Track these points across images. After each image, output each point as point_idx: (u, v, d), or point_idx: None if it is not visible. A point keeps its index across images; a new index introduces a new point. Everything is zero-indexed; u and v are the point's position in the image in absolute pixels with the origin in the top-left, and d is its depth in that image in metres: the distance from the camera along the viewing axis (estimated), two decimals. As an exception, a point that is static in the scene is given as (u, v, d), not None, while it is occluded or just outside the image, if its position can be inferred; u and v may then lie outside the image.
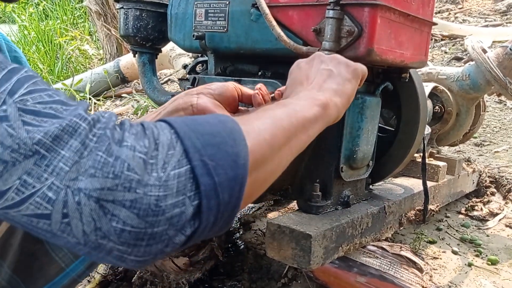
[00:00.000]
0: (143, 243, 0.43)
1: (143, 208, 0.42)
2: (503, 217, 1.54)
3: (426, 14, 1.00)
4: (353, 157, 0.99)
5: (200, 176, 0.44)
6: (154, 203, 0.42)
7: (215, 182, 0.45)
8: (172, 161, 0.44)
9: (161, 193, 0.43)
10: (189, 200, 0.44)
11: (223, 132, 0.48)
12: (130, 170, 0.42)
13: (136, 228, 0.42)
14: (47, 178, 0.41)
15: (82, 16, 5.08)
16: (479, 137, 2.16)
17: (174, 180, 0.44)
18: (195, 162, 0.45)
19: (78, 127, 0.43)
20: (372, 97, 1.00)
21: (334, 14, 0.84)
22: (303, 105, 0.62)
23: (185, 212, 0.44)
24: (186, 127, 0.47)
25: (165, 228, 0.43)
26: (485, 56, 1.41)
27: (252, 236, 1.34)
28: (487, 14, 3.45)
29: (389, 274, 1.02)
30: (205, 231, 0.47)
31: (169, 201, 0.43)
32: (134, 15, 1.17)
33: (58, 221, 0.42)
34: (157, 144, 0.45)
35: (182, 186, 0.44)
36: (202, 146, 0.46)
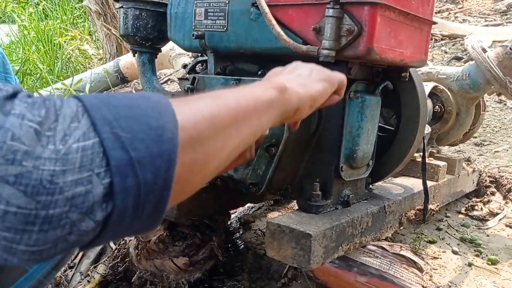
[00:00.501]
0: (35, 228, 0.36)
1: (32, 184, 0.36)
2: (503, 217, 1.53)
3: (426, 13, 1.00)
4: (353, 157, 0.98)
5: (111, 149, 0.38)
6: (47, 179, 0.36)
7: (130, 157, 0.39)
8: (76, 133, 0.38)
9: (58, 167, 0.36)
10: (98, 177, 0.38)
11: (144, 105, 0.42)
12: (15, 139, 0.36)
13: (24, 209, 0.36)
14: None
15: (82, 16, 5.08)
16: (479, 137, 2.16)
17: (77, 153, 0.37)
18: (105, 135, 0.38)
19: None
20: (372, 96, 1.00)
21: (334, 13, 0.83)
22: (258, 87, 0.57)
23: (91, 192, 0.37)
24: (95, 99, 0.41)
25: (65, 210, 0.37)
26: (485, 56, 1.41)
27: (252, 236, 1.34)
28: (487, 13, 3.45)
29: (389, 273, 1.02)
30: (125, 218, 0.40)
31: (68, 177, 0.37)
32: (133, 15, 1.17)
33: None
34: (57, 115, 0.38)
35: (88, 161, 0.38)
36: (114, 118, 0.40)
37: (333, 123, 0.97)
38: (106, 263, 1.25)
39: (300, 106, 0.61)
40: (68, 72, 3.79)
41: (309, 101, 0.63)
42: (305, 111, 0.63)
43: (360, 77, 1.00)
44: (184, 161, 0.43)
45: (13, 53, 4.37)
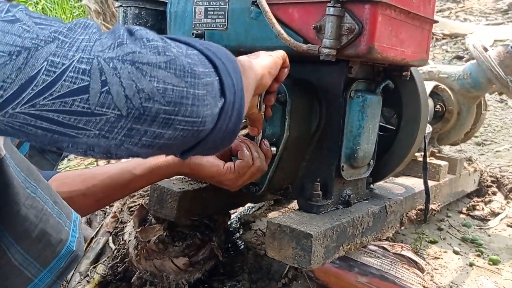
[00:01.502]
0: (189, 101, 0.44)
1: (179, 68, 0.44)
2: (504, 217, 1.53)
3: (427, 12, 0.99)
4: (354, 156, 0.98)
5: (211, 56, 0.49)
6: (188, 66, 0.45)
7: (224, 63, 0.50)
8: (182, 46, 0.47)
9: (190, 60, 0.46)
10: (213, 74, 0.48)
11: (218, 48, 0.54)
12: (151, 40, 0.45)
13: (178, 87, 0.44)
14: (74, 55, 0.41)
15: (81, 15, 5.08)
16: (481, 136, 2.16)
17: (194, 56, 0.47)
18: (200, 48, 0.49)
19: (89, 24, 0.44)
20: (372, 95, 0.99)
21: (334, 12, 0.83)
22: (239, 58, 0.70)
23: (214, 83, 0.47)
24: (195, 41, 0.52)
25: (204, 92, 0.46)
26: (486, 55, 1.40)
27: (252, 236, 1.33)
28: (488, 13, 3.45)
29: (390, 274, 1.02)
30: (227, 113, 0.50)
31: (200, 68, 0.46)
32: (133, 14, 1.16)
33: (98, 91, 0.41)
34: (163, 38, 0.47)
35: (201, 60, 0.48)
36: (200, 42, 0.51)
37: (334, 123, 0.96)
38: (105, 263, 1.24)
39: (262, 72, 0.73)
40: (68, 72, 3.78)
41: (267, 68, 0.75)
42: (268, 77, 0.75)
43: (361, 76, 0.99)
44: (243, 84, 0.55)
45: (13, 52, 4.37)
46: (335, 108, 0.96)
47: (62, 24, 0.44)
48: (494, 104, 2.43)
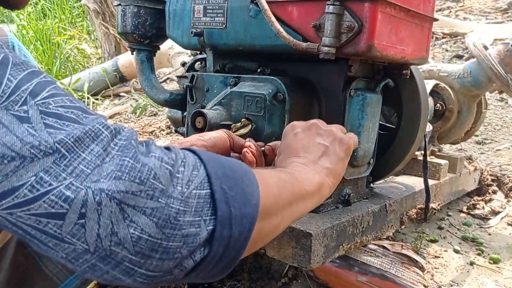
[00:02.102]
0: (157, 255, 0.42)
1: (163, 218, 0.42)
2: (505, 216, 1.52)
3: (427, 10, 0.98)
4: (354, 155, 0.97)
5: (219, 202, 0.45)
6: (173, 215, 0.42)
7: (231, 212, 0.45)
8: (196, 180, 0.44)
9: (182, 207, 0.43)
10: (205, 223, 0.44)
11: (240, 170, 0.50)
12: (156, 179, 0.42)
13: (153, 238, 0.41)
14: (66, 178, 0.40)
15: (80, 15, 5.07)
16: (481, 135, 2.15)
17: (194, 199, 0.44)
18: (216, 187, 0.45)
19: (100, 134, 0.42)
20: (372, 94, 0.99)
21: (334, 10, 0.82)
22: (304, 178, 0.63)
23: (199, 235, 0.43)
24: (208, 156, 0.48)
25: (180, 245, 0.43)
26: (486, 53, 1.39)
27: (252, 235, 1.33)
28: (488, 12, 3.44)
29: (390, 273, 1.01)
30: (211, 264, 0.45)
31: (187, 217, 0.43)
32: (132, 12, 1.15)
33: (73, 221, 0.40)
34: (183, 162, 0.45)
35: (200, 207, 0.44)
36: (222, 175, 0.47)
37: (334, 121, 0.96)
38: (105, 263, 1.24)
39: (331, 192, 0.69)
40: (67, 72, 3.78)
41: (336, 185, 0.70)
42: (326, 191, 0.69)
43: (361, 75, 0.99)
44: (257, 228, 0.49)
45: (12, 52, 4.36)
46: (335, 107, 0.96)
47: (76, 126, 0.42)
48: (494, 103, 2.42)
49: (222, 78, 1.02)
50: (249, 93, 0.92)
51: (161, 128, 2.40)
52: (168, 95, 1.18)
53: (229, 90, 0.96)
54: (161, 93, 1.20)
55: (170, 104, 1.20)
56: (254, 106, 0.91)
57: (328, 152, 0.71)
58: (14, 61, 0.43)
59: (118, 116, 2.79)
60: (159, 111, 2.64)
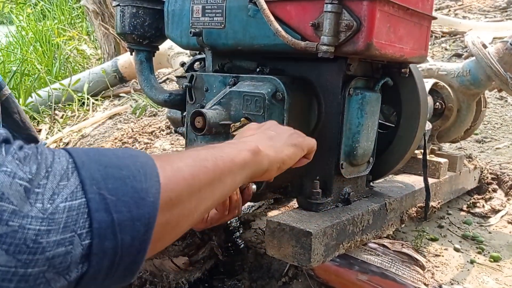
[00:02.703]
0: (11, 285, 0.36)
1: (15, 243, 0.36)
2: (505, 214, 1.52)
3: (425, 8, 0.98)
4: (353, 154, 0.97)
5: (95, 211, 0.39)
6: (32, 238, 0.37)
7: (113, 220, 0.40)
8: (64, 192, 0.39)
9: (43, 227, 0.37)
10: (79, 238, 0.39)
11: (132, 166, 0.44)
12: (3, 199, 0.36)
13: (3, 267, 0.36)
14: None
15: (79, 16, 5.07)
16: (480, 134, 2.15)
17: (63, 214, 0.38)
18: (91, 195, 0.40)
19: None
20: (371, 92, 0.99)
21: (332, 8, 0.82)
22: (233, 148, 0.60)
23: (71, 253, 0.38)
24: (86, 156, 0.42)
25: (43, 269, 0.37)
26: (485, 52, 1.39)
27: (252, 235, 1.33)
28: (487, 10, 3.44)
29: (390, 271, 1.01)
30: (97, 278, 0.41)
31: (52, 237, 0.37)
32: (130, 13, 1.15)
33: None
34: (48, 172, 0.39)
35: (72, 221, 0.38)
36: (102, 179, 0.41)
37: (333, 120, 0.96)
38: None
39: (269, 167, 0.66)
40: (66, 72, 3.78)
41: (278, 164, 0.68)
42: (274, 173, 0.68)
43: (360, 74, 0.99)
44: (161, 222, 0.44)
45: (11, 53, 4.37)
46: (334, 106, 0.96)
47: None
48: (493, 101, 2.42)
49: (221, 77, 1.02)
50: (248, 93, 0.92)
51: (161, 128, 2.40)
52: (168, 95, 1.18)
53: (228, 90, 0.96)
54: (161, 94, 1.20)
55: (169, 104, 1.20)
56: (254, 106, 0.91)
57: (274, 137, 0.71)
58: None
59: (118, 117, 2.79)
60: (159, 112, 2.64)
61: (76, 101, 3.06)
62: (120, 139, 2.35)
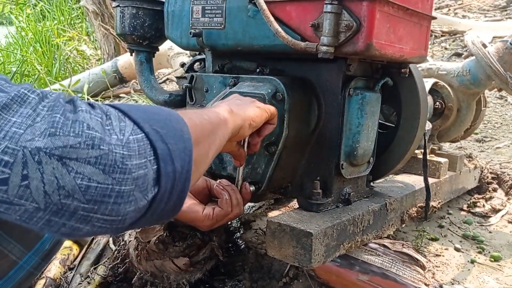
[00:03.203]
0: (111, 200, 0.43)
1: (109, 164, 0.42)
2: (505, 213, 1.52)
3: (425, 8, 0.98)
4: (354, 154, 0.97)
5: (155, 141, 0.46)
6: (120, 160, 0.43)
7: (169, 149, 0.47)
8: (127, 129, 0.46)
9: (125, 152, 0.44)
10: (150, 163, 0.45)
11: (163, 112, 0.52)
12: (91, 129, 0.43)
13: (103, 184, 0.42)
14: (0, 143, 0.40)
15: (79, 16, 5.07)
16: (480, 133, 2.15)
17: (134, 143, 0.45)
18: (147, 130, 0.47)
19: (27, 98, 0.42)
20: (371, 92, 0.99)
21: (332, 9, 0.82)
22: (213, 110, 0.70)
23: (147, 175, 0.45)
24: (127, 106, 0.49)
25: (132, 188, 0.44)
26: (485, 51, 1.39)
27: (253, 236, 1.33)
28: (486, 9, 3.44)
29: (391, 271, 1.01)
30: (163, 200, 0.48)
31: (133, 161, 0.44)
32: (130, 13, 1.15)
33: (17, 184, 0.40)
34: (108, 115, 0.46)
35: (142, 149, 0.45)
36: (148, 119, 0.48)
37: (333, 120, 0.96)
38: (106, 264, 1.24)
39: (243, 124, 0.73)
40: (66, 73, 3.78)
41: (249, 120, 0.75)
42: (247, 129, 0.75)
43: (360, 74, 0.99)
44: (194, 155, 0.52)
45: (11, 54, 4.36)
46: (334, 106, 0.96)
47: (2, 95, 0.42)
48: (493, 100, 2.42)
49: (221, 78, 1.02)
50: (249, 93, 0.92)
51: (161, 129, 2.39)
52: (168, 96, 1.18)
53: (229, 90, 0.96)
54: (161, 94, 1.20)
55: (169, 105, 1.20)
56: (254, 106, 0.91)
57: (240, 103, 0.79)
58: None
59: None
60: (159, 112, 2.64)
61: (76, 102, 3.06)
62: (120, 140, 2.35)
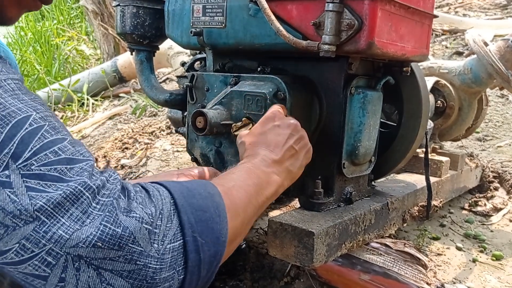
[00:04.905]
0: None
1: (139, 279, 0.44)
2: (507, 212, 1.52)
3: (426, 7, 0.98)
4: (355, 153, 0.97)
5: (190, 252, 0.48)
6: (150, 275, 0.45)
7: (200, 259, 0.49)
8: (169, 234, 0.47)
9: (158, 265, 0.46)
10: (177, 274, 0.47)
11: (211, 207, 0.53)
12: (135, 242, 0.44)
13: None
14: (45, 244, 0.42)
15: (79, 16, 5.07)
16: (482, 132, 2.14)
17: (169, 254, 0.47)
18: (188, 238, 0.48)
19: (81, 196, 0.44)
20: (373, 91, 0.99)
21: (333, 7, 0.82)
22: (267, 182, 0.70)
23: (172, 286, 0.47)
24: (183, 199, 0.51)
25: None
26: (486, 49, 1.39)
27: (254, 235, 1.32)
28: (487, 8, 3.44)
29: (393, 271, 1.01)
30: None
31: (163, 274, 0.46)
32: (131, 12, 1.15)
33: (54, 284, 0.43)
34: (161, 214, 0.48)
35: (174, 260, 0.47)
36: (195, 222, 0.50)
37: (335, 119, 0.96)
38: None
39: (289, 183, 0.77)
40: (66, 73, 3.78)
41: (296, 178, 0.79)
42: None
43: (361, 72, 0.98)
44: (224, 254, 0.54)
45: (11, 54, 4.35)
46: (336, 105, 0.95)
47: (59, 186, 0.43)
48: (495, 99, 2.42)
49: (222, 77, 1.01)
50: (250, 92, 0.92)
51: (161, 128, 2.39)
52: (168, 95, 1.18)
53: (230, 90, 0.95)
54: (161, 93, 1.19)
55: (170, 104, 1.19)
56: (255, 105, 0.91)
57: (295, 156, 0.78)
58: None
59: (117, 117, 2.79)
60: (159, 112, 2.64)
61: (75, 102, 3.06)
62: (120, 140, 2.35)
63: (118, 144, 2.31)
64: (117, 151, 2.26)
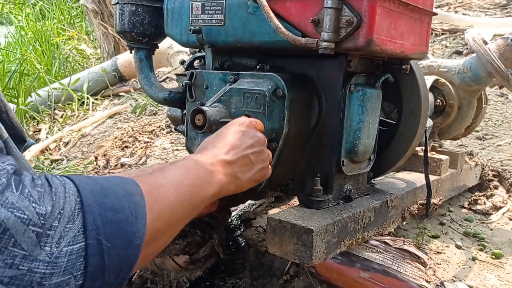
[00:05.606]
0: None
1: (23, 285, 0.40)
2: (506, 211, 1.52)
3: (426, 4, 0.98)
4: (354, 151, 0.97)
5: (91, 256, 0.44)
6: (37, 281, 0.41)
7: (104, 264, 0.45)
8: (68, 235, 0.43)
9: (48, 270, 0.41)
10: (74, 279, 0.43)
11: (127, 207, 0.49)
12: (16, 246, 0.40)
13: None
14: None
15: (79, 15, 5.07)
16: (481, 131, 2.14)
17: (65, 257, 0.43)
18: (90, 241, 0.44)
19: None
20: (372, 89, 0.99)
21: (332, 4, 0.82)
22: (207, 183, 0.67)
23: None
24: (92, 198, 0.47)
25: None
26: (486, 48, 1.39)
27: (253, 233, 1.32)
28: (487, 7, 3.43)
29: (392, 268, 1.01)
30: None
31: (54, 280, 0.42)
32: (130, 11, 1.15)
33: None
34: (60, 214, 0.43)
35: (71, 264, 0.43)
36: (102, 223, 0.46)
37: (334, 117, 0.96)
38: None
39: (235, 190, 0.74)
40: (66, 72, 3.78)
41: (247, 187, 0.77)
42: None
43: (360, 70, 0.98)
44: (140, 257, 0.50)
45: (11, 53, 4.36)
46: (335, 103, 0.95)
47: None
48: (494, 98, 2.41)
49: (221, 75, 1.01)
50: (249, 90, 0.92)
51: (161, 127, 2.39)
52: (168, 93, 1.18)
53: (229, 87, 0.95)
54: (161, 92, 1.19)
55: (169, 103, 1.19)
56: (254, 103, 0.91)
57: (249, 167, 0.76)
58: None
59: (117, 116, 2.79)
60: (159, 110, 2.64)
61: (75, 101, 3.06)
62: (120, 138, 2.35)
63: (118, 143, 2.31)
64: (117, 149, 2.26)
